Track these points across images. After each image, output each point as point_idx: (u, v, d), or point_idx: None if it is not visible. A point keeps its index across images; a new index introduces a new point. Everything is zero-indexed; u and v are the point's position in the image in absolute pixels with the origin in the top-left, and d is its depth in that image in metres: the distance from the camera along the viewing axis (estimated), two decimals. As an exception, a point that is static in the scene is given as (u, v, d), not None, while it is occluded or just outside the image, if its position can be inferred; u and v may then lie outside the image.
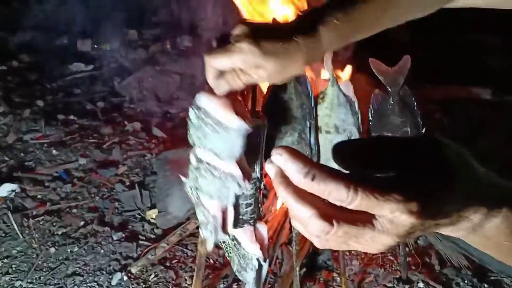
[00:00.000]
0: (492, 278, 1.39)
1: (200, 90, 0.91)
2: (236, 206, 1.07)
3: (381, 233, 0.41)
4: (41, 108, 2.38)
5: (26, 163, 1.95)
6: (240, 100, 0.95)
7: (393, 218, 0.40)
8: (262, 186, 1.13)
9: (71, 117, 2.29)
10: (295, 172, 0.40)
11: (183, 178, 1.04)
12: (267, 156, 1.14)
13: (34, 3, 3.63)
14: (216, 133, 0.92)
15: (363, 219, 0.41)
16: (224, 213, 1.11)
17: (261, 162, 1.09)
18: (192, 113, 0.91)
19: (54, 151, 2.02)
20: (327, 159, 1.23)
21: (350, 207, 0.40)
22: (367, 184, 0.39)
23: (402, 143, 0.45)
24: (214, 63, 0.81)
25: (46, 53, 3.09)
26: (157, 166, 1.83)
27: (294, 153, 0.41)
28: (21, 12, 3.64)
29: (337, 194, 0.39)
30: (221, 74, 0.83)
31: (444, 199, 0.42)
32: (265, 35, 0.78)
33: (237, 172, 0.98)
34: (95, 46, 3.15)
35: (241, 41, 0.77)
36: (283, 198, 0.41)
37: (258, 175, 1.09)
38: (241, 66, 0.79)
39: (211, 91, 0.87)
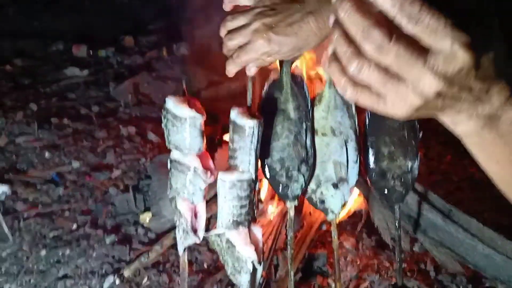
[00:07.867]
0: (487, 285, 1.38)
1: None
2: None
3: (429, 70, 0.40)
4: (34, 112, 2.36)
5: (18, 166, 1.93)
6: (197, 100, 1.06)
7: (449, 53, 0.40)
8: (257, 188, 1.12)
9: (65, 121, 2.28)
10: None
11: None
12: (262, 157, 1.14)
13: (28, 9, 3.63)
14: (175, 127, 1.02)
15: (418, 49, 0.40)
16: (195, 213, 1.12)
17: (256, 163, 1.08)
18: (162, 116, 1.03)
19: (47, 154, 2.00)
20: (322, 161, 1.22)
21: (416, 28, 0.39)
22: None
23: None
24: (237, 62, 0.93)
25: (41, 59, 3.08)
26: (151, 169, 1.82)
27: None
28: (16, 18, 3.64)
29: (409, 7, 0.39)
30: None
31: (485, 44, 0.42)
32: (276, 26, 0.88)
33: (198, 165, 1.04)
34: (91, 52, 3.15)
35: (255, 39, 0.89)
36: (342, 10, 0.41)
37: (253, 177, 1.08)
38: (258, 57, 0.92)
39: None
